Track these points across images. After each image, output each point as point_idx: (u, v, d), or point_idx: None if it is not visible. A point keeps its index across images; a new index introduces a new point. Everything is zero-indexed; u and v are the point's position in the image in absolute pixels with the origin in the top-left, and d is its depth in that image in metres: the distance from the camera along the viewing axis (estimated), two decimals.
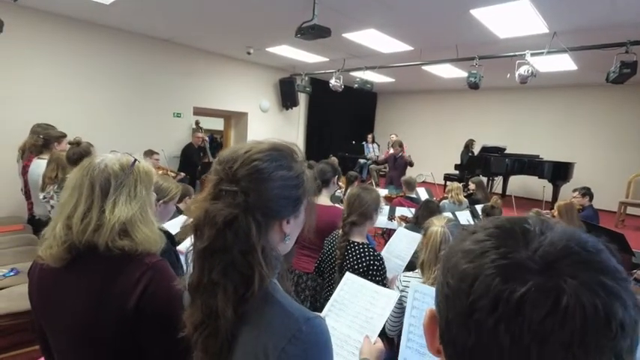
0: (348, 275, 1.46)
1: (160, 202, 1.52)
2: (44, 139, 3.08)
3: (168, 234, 1.28)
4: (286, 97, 8.54)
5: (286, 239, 0.73)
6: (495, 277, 0.34)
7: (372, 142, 9.36)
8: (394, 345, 1.83)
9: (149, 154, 4.92)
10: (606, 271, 0.33)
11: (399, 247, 2.34)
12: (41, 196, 2.62)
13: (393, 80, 8.73)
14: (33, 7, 4.72)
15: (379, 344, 1.15)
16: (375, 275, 1.74)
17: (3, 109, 4.64)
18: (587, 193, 4.43)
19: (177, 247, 1.46)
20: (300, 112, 9.29)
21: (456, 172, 8.42)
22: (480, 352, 0.35)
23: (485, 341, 0.34)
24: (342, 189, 4.67)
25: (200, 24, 5.22)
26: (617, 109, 7.66)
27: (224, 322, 0.63)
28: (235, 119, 8.41)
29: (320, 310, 1.81)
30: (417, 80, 8.68)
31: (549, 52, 4.71)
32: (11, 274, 2.64)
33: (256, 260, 0.64)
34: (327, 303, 1.37)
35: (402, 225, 3.24)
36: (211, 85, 7.15)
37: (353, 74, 7.22)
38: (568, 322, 0.31)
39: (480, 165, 7.74)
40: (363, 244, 1.83)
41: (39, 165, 2.92)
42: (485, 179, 7.43)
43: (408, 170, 6.13)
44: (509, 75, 5.11)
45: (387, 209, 3.66)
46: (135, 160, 0.96)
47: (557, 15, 4.01)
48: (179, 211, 2.32)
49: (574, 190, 4.58)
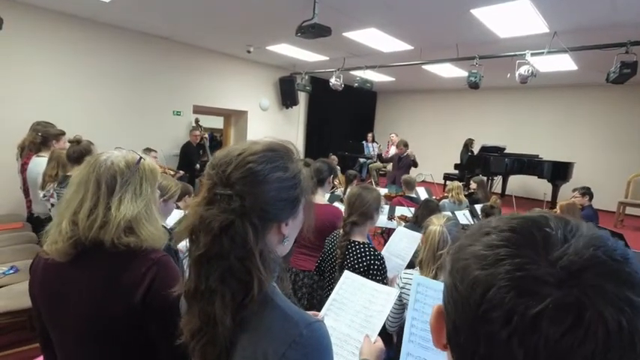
0: (346, 273, 1.45)
1: (161, 200, 1.53)
2: (43, 136, 3.08)
3: (169, 232, 1.28)
4: (286, 95, 8.53)
5: (285, 241, 0.71)
6: (510, 289, 0.31)
7: (371, 142, 9.37)
8: (393, 342, 1.84)
9: (147, 152, 4.90)
10: (634, 284, 0.30)
11: (399, 247, 2.34)
12: (41, 194, 2.61)
13: (393, 79, 8.73)
14: (32, 4, 4.71)
15: (379, 343, 1.15)
16: (376, 275, 1.73)
17: (2, 107, 4.63)
18: (587, 192, 4.45)
19: (177, 246, 1.46)
20: (300, 110, 9.28)
21: (456, 171, 8.43)
22: None
23: (497, 353, 0.32)
24: (340, 188, 4.66)
25: (200, 22, 5.21)
26: (616, 109, 7.66)
27: (222, 329, 0.61)
28: (235, 118, 8.40)
29: (317, 308, 1.81)
30: (417, 80, 8.67)
31: (549, 52, 4.71)
32: (10, 272, 2.64)
33: (254, 265, 0.62)
34: (326, 302, 1.36)
35: (402, 224, 3.24)
36: (211, 84, 7.14)
37: (353, 73, 7.21)
38: (589, 340, 0.28)
39: (480, 164, 7.74)
40: (363, 243, 1.82)
41: (37, 163, 2.92)
42: (485, 179, 7.43)
43: (410, 170, 6.13)
44: (509, 75, 5.11)
45: (386, 208, 3.66)
46: (140, 158, 0.97)
47: (557, 15, 4.01)
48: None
49: (574, 190, 4.60)
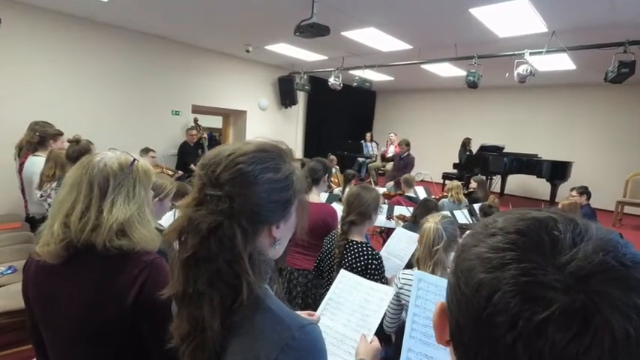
0: (343, 272, 1.44)
1: (156, 199, 1.52)
2: (40, 136, 3.06)
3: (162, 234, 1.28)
4: (285, 95, 8.52)
5: (276, 244, 0.69)
6: (515, 294, 0.31)
7: (370, 141, 9.36)
8: (391, 341, 1.84)
9: (146, 151, 4.91)
10: None
11: (397, 247, 2.34)
12: (38, 194, 2.60)
13: (392, 79, 8.72)
14: (30, 3, 4.70)
15: (375, 343, 1.14)
16: (374, 274, 1.73)
17: (0, 107, 4.61)
18: (585, 192, 4.47)
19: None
20: (299, 110, 9.28)
21: (455, 171, 8.43)
22: None
23: (501, 356, 0.32)
24: (338, 187, 4.66)
25: (199, 22, 5.20)
26: (615, 108, 7.67)
27: (211, 334, 0.60)
28: (234, 117, 8.39)
29: (312, 307, 1.81)
30: (416, 79, 8.67)
31: (548, 52, 4.72)
32: (9, 272, 2.64)
33: (243, 269, 0.60)
34: (322, 301, 1.35)
35: (400, 224, 3.24)
36: (210, 83, 7.13)
37: (352, 73, 7.20)
38: (594, 348, 0.28)
39: (479, 164, 7.74)
40: (361, 242, 1.82)
41: (33, 162, 2.91)
42: (484, 178, 7.44)
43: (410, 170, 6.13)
44: (507, 74, 5.11)
45: (385, 208, 3.66)
46: (134, 160, 0.96)
47: (556, 14, 4.01)
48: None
49: (572, 189, 4.61)
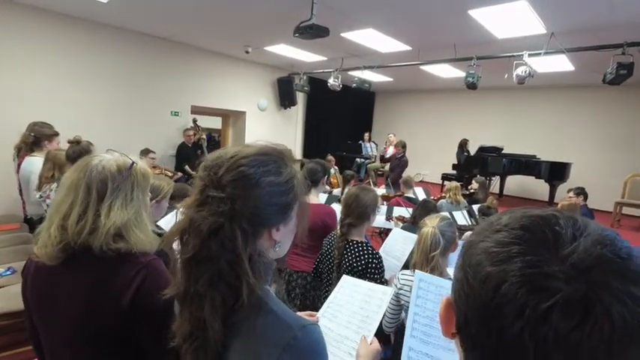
0: (344, 278, 1.46)
1: (153, 201, 1.51)
2: (34, 136, 3.04)
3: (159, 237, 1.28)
4: (284, 96, 8.52)
5: (276, 247, 0.70)
6: (522, 285, 0.34)
7: (369, 141, 9.36)
8: (390, 341, 1.85)
9: (145, 153, 4.89)
10: (637, 280, 0.33)
11: (395, 247, 2.35)
12: (37, 195, 2.60)
13: (391, 80, 8.73)
14: (28, 3, 4.69)
15: (375, 345, 1.15)
16: (374, 273, 1.74)
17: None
18: (582, 192, 4.50)
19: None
20: (299, 111, 9.28)
21: (454, 171, 8.44)
22: (502, 354, 0.35)
23: (508, 344, 0.34)
24: (339, 188, 4.67)
25: (198, 22, 5.20)
26: (613, 110, 7.69)
27: (212, 333, 0.61)
28: (233, 118, 8.39)
29: (310, 309, 1.81)
30: (415, 80, 8.69)
31: (547, 53, 4.73)
32: (8, 273, 2.63)
33: (243, 271, 0.61)
34: (324, 304, 1.36)
35: (399, 225, 3.24)
36: (209, 84, 7.13)
37: (351, 73, 7.21)
38: (595, 333, 0.31)
39: (478, 165, 7.75)
40: (361, 242, 1.82)
41: (30, 162, 2.90)
42: (485, 179, 7.45)
43: (404, 171, 6.14)
44: (506, 75, 5.12)
45: (384, 209, 3.66)
46: (132, 163, 0.95)
47: (554, 16, 4.02)
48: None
49: (569, 191, 4.64)
